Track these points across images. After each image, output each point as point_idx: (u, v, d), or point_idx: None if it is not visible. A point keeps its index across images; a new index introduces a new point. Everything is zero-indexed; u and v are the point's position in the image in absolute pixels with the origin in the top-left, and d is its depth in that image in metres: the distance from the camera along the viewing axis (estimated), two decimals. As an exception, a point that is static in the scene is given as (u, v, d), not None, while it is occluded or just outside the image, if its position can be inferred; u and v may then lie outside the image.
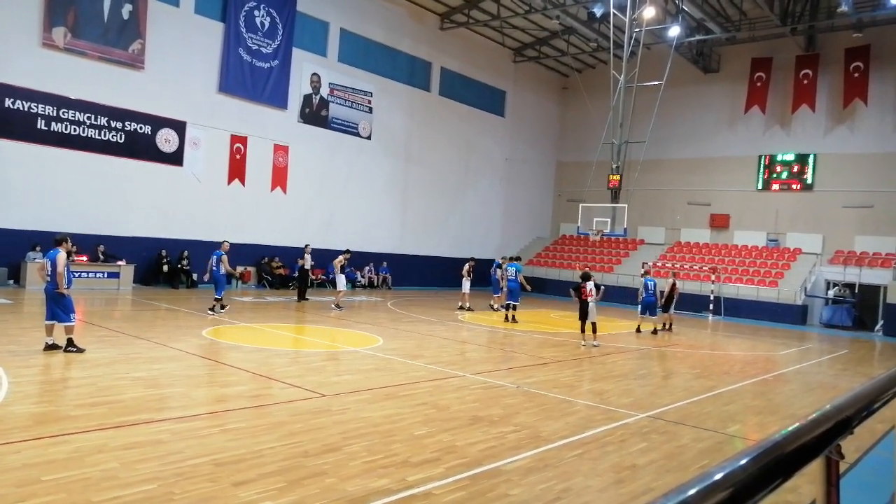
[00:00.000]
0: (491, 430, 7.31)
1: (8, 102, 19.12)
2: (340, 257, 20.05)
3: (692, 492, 1.09)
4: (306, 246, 22.06)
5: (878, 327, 25.98)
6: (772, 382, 12.60)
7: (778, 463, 1.36)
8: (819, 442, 1.59)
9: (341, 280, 20.02)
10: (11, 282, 19.20)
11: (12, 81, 19.17)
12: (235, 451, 5.92)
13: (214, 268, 16.35)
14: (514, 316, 19.30)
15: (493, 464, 6.10)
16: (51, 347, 9.91)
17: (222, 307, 16.31)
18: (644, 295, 18.80)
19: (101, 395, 7.69)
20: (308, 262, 21.67)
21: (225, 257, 16.39)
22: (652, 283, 18.90)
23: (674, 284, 20.34)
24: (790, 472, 1.40)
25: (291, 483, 5.23)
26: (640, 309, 19.04)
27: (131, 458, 5.54)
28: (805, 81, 30.88)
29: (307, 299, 21.19)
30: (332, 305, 19.40)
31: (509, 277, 19.70)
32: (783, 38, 30.27)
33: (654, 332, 18.99)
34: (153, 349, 10.93)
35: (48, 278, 9.98)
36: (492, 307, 22.44)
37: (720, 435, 7.97)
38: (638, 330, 19.02)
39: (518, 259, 21.13)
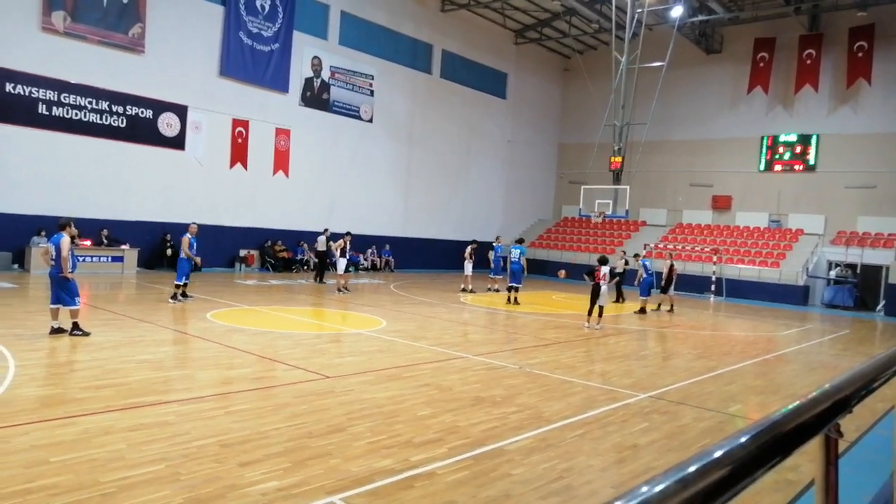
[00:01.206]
0: (493, 410, 7.37)
1: (9, 87, 19.07)
2: (341, 240, 20.00)
3: (692, 469, 1.10)
4: (325, 230, 22.87)
5: (879, 307, 26.01)
6: (773, 363, 12.65)
7: (777, 441, 1.37)
8: (818, 420, 1.61)
9: (342, 263, 19.98)
10: (16, 266, 19.27)
11: (12, 66, 19.10)
12: (241, 432, 5.99)
13: (179, 251, 15.31)
14: (516, 298, 19.37)
15: (496, 444, 6.16)
16: (56, 331, 9.97)
17: (183, 295, 14.98)
18: (644, 276, 19.20)
19: (107, 377, 7.76)
20: (322, 244, 22.57)
21: (185, 240, 14.85)
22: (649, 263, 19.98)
23: (672, 266, 20.53)
24: (789, 451, 1.42)
25: (296, 463, 5.29)
26: (641, 290, 19.38)
27: (138, 439, 5.61)
28: (808, 61, 30.66)
29: (323, 282, 21.84)
30: (337, 290, 19.43)
31: (512, 259, 19.75)
32: (786, 18, 30.03)
33: (643, 311, 19.27)
34: (158, 332, 11.00)
35: (52, 262, 10.02)
36: (490, 289, 22.59)
37: (721, 415, 8.02)
38: (643, 311, 19.22)
39: (521, 241, 21.20)
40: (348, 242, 19.96)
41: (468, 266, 22.27)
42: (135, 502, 4.36)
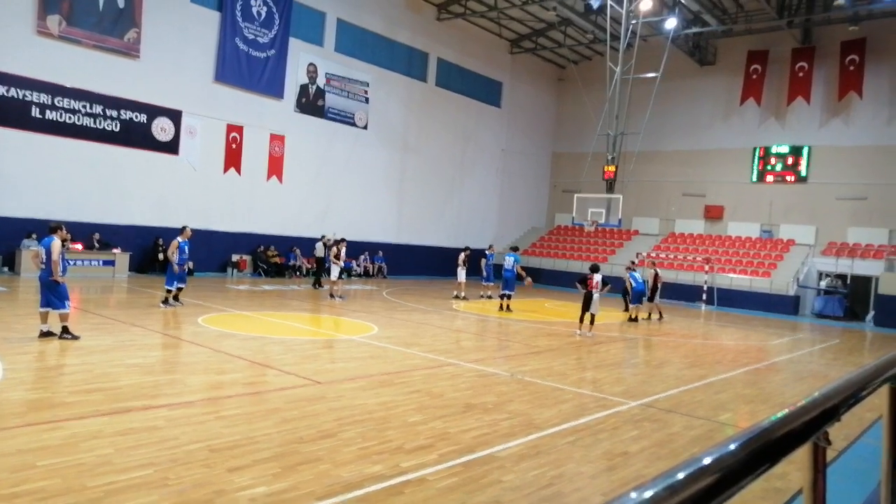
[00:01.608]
0: (484, 417, 7.36)
1: (2, 90, 19.00)
2: (335, 247, 19.85)
3: (680, 476, 1.11)
4: (322, 237, 23.26)
5: (868, 317, 26.15)
6: (763, 372, 12.69)
7: (765, 449, 1.38)
8: (806, 428, 1.62)
9: (335, 270, 19.58)
10: (6, 269, 19.17)
11: (7, 69, 19.04)
12: (230, 437, 5.96)
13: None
14: (508, 305, 19.37)
15: (487, 450, 6.15)
16: (46, 335, 9.91)
17: (175, 299, 14.83)
18: (634, 285, 19.23)
19: (96, 381, 7.71)
20: (321, 251, 22.88)
21: (174, 243, 14.60)
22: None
23: (656, 274, 20.66)
24: (777, 458, 1.43)
25: (286, 469, 5.26)
26: (632, 299, 19.45)
27: (126, 444, 5.57)
28: (801, 74, 30.92)
29: (321, 287, 22.01)
30: (329, 295, 19.28)
31: (506, 268, 19.76)
32: (779, 31, 30.27)
33: (635, 319, 19.31)
34: (148, 336, 10.94)
35: (43, 266, 9.97)
36: (483, 296, 22.60)
37: (711, 423, 8.04)
38: (635, 319, 19.29)
39: (516, 249, 21.24)
40: (342, 249, 19.86)
41: (461, 273, 22.26)
42: (122, 507, 4.32)
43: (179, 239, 14.81)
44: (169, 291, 14.78)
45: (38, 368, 8.50)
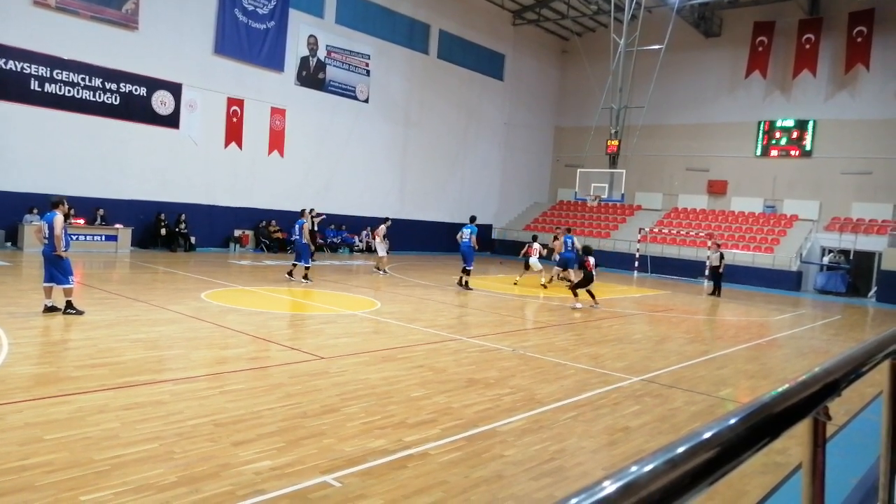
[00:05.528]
0: (487, 392, 7.41)
1: (0, 62, 18.87)
2: (382, 226, 20.79)
3: (680, 450, 1.11)
4: (311, 210, 22.64)
5: (871, 293, 26.16)
6: (765, 347, 12.73)
7: (766, 423, 1.38)
8: (807, 403, 1.63)
9: (382, 248, 20.68)
10: (9, 244, 19.21)
11: (4, 41, 18.88)
12: (235, 411, 6.01)
13: (297, 236, 16.54)
14: (467, 282, 17.70)
15: (489, 425, 6.20)
16: (50, 309, 9.96)
17: (307, 276, 16.36)
18: (563, 250, 19.52)
19: (101, 356, 7.76)
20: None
21: (306, 225, 16.30)
22: (570, 239, 19.89)
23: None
24: (777, 433, 1.44)
25: (290, 443, 5.32)
26: (559, 261, 19.80)
27: (132, 417, 5.62)
28: (807, 46, 30.56)
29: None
30: (377, 269, 20.26)
31: (463, 240, 18.02)
32: (786, 2, 29.90)
33: (546, 284, 19.66)
34: (152, 311, 10.98)
35: (46, 241, 9.98)
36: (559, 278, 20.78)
37: (712, 398, 8.08)
38: (547, 283, 19.65)
39: (474, 220, 18.82)
40: (387, 227, 20.78)
41: (535, 262, 20.51)
42: (129, 480, 4.38)
43: (307, 221, 16.34)
44: (307, 268, 16.09)
45: (43, 343, 8.55)
